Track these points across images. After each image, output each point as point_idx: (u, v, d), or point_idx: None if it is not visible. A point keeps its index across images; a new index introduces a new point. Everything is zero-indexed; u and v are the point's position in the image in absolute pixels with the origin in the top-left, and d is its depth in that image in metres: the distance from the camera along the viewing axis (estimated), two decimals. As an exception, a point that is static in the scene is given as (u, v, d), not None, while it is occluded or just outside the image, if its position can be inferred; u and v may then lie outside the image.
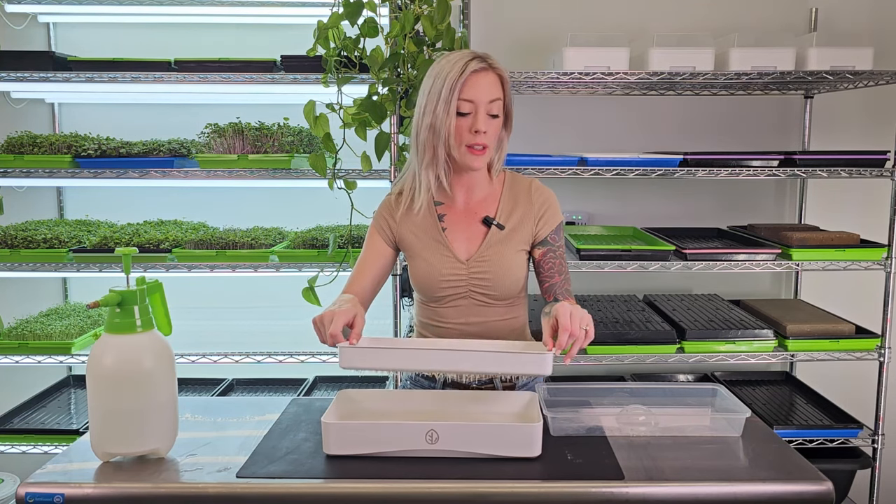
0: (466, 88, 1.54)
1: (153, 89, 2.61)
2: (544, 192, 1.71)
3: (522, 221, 1.67)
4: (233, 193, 2.86)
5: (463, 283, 1.63)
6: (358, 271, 1.68)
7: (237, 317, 2.88)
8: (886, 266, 2.40)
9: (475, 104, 1.55)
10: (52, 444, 2.46)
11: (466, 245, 1.66)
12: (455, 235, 1.66)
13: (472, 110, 1.56)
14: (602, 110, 2.87)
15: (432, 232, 1.66)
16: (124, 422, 1.28)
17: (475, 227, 1.66)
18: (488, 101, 1.56)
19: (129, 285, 1.32)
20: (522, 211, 1.68)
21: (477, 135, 1.56)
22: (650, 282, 2.95)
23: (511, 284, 1.64)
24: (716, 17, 2.82)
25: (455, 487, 1.22)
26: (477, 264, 1.63)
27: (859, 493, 2.57)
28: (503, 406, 1.44)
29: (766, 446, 1.36)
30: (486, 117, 1.56)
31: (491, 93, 1.56)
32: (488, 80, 1.56)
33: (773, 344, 2.45)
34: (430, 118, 1.56)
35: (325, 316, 1.41)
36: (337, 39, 2.26)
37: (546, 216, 1.69)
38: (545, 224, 1.68)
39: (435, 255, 1.64)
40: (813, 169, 2.38)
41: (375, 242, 1.70)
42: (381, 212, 1.71)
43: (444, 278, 1.63)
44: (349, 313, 1.41)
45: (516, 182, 1.72)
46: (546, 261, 1.69)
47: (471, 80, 1.55)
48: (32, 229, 2.50)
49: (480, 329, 1.66)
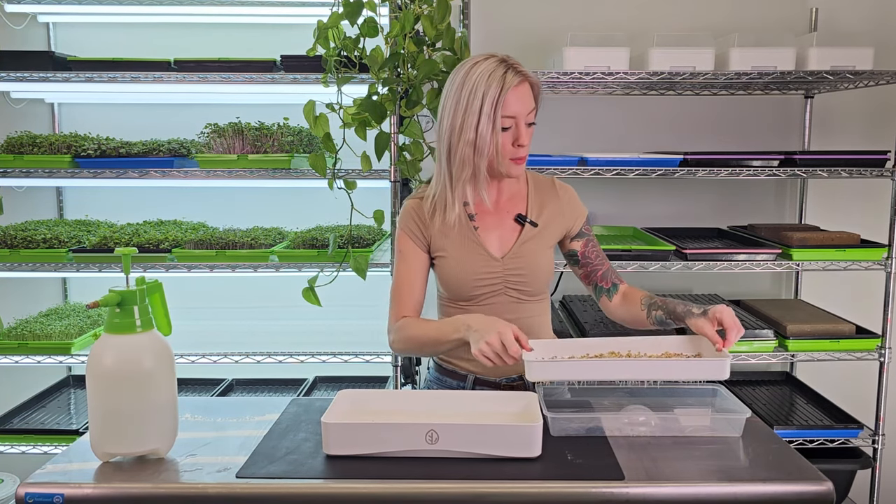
0: (507, 105, 1.54)
1: (153, 89, 2.61)
2: (567, 188, 1.76)
3: (553, 218, 1.70)
4: (233, 193, 2.86)
5: (498, 281, 1.65)
6: (407, 285, 1.67)
7: (237, 317, 2.88)
8: (887, 266, 2.40)
9: (516, 119, 1.56)
10: (52, 445, 2.46)
11: (499, 243, 1.67)
12: (487, 234, 1.67)
13: (513, 124, 1.57)
14: (602, 110, 2.87)
15: (464, 231, 1.66)
16: (124, 422, 1.28)
17: (507, 225, 1.68)
18: (527, 112, 1.57)
19: (129, 285, 1.32)
20: (552, 207, 1.71)
21: (520, 148, 1.58)
22: (650, 282, 2.95)
23: (544, 279, 1.69)
24: (716, 17, 2.82)
25: (455, 487, 1.22)
26: (512, 261, 1.65)
27: (859, 494, 2.57)
28: (503, 406, 1.44)
29: (767, 446, 1.36)
30: (526, 129, 1.58)
31: (529, 105, 1.58)
32: (525, 92, 1.57)
33: (774, 344, 2.45)
34: (471, 135, 1.55)
35: (494, 342, 1.41)
36: (337, 39, 2.26)
37: (574, 209, 1.74)
38: (575, 217, 1.73)
39: (469, 254, 1.65)
40: (813, 169, 2.38)
41: (412, 251, 1.68)
42: (409, 218, 1.68)
43: (479, 276, 1.64)
44: (511, 326, 1.44)
45: (539, 180, 1.75)
46: (590, 250, 1.74)
47: (511, 95, 1.54)
48: (32, 229, 2.50)
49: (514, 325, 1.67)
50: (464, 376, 1.69)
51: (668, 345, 1.52)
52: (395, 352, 1.69)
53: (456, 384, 1.70)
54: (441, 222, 1.65)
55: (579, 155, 2.44)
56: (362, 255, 2.32)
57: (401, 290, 1.68)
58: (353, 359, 2.49)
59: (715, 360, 1.38)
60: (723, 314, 1.47)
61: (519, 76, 1.55)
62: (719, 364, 1.37)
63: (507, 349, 1.41)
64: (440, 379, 1.74)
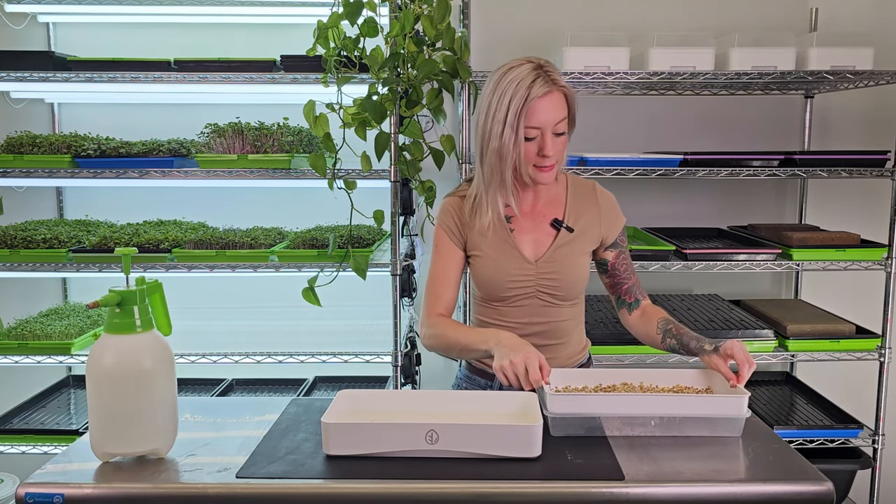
0: (532, 115, 1.53)
1: (153, 89, 2.61)
2: (608, 195, 1.73)
3: (590, 224, 1.69)
4: (233, 193, 2.86)
5: (531, 284, 1.65)
6: (443, 281, 1.68)
7: (237, 317, 2.88)
8: (887, 266, 2.40)
9: (542, 130, 1.54)
10: (52, 445, 2.45)
11: (534, 246, 1.67)
12: (522, 237, 1.67)
13: (538, 134, 1.55)
14: (602, 110, 2.87)
15: (500, 233, 1.66)
16: (124, 422, 1.28)
17: (543, 229, 1.68)
18: (554, 123, 1.55)
19: (129, 285, 1.32)
20: (590, 214, 1.69)
21: (545, 158, 1.56)
22: (650, 282, 2.95)
23: (577, 285, 1.68)
24: (716, 17, 2.82)
25: (455, 487, 1.22)
26: (545, 265, 1.65)
27: (859, 494, 2.57)
28: (503, 406, 1.44)
29: (766, 446, 1.36)
30: (552, 139, 1.55)
31: (557, 115, 1.55)
32: (553, 102, 1.54)
33: (774, 344, 2.45)
34: (496, 143, 1.55)
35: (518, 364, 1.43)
36: (337, 39, 2.26)
37: (613, 218, 1.71)
38: (613, 226, 1.71)
39: (503, 256, 1.65)
40: (813, 169, 2.38)
41: (449, 248, 1.69)
42: (448, 215, 1.69)
43: (511, 278, 1.64)
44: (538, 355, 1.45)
45: (579, 184, 1.72)
46: (620, 262, 1.72)
47: (536, 105, 1.52)
48: (32, 229, 2.50)
49: (544, 329, 1.68)
50: (492, 376, 1.69)
51: (679, 377, 1.54)
52: (424, 346, 1.70)
53: (484, 383, 1.72)
54: (479, 223, 1.66)
55: (579, 155, 2.44)
56: (362, 255, 2.32)
57: (436, 286, 1.68)
58: (353, 359, 2.49)
59: (734, 398, 1.40)
60: (734, 350, 1.48)
61: (547, 86, 1.52)
62: (739, 401, 1.39)
63: (529, 375, 1.42)
64: (470, 377, 1.75)
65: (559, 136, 1.58)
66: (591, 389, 1.50)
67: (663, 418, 1.39)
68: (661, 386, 1.51)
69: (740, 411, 1.39)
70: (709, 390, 1.51)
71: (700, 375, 1.54)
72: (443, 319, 1.67)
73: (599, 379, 1.54)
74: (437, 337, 1.65)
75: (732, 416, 1.39)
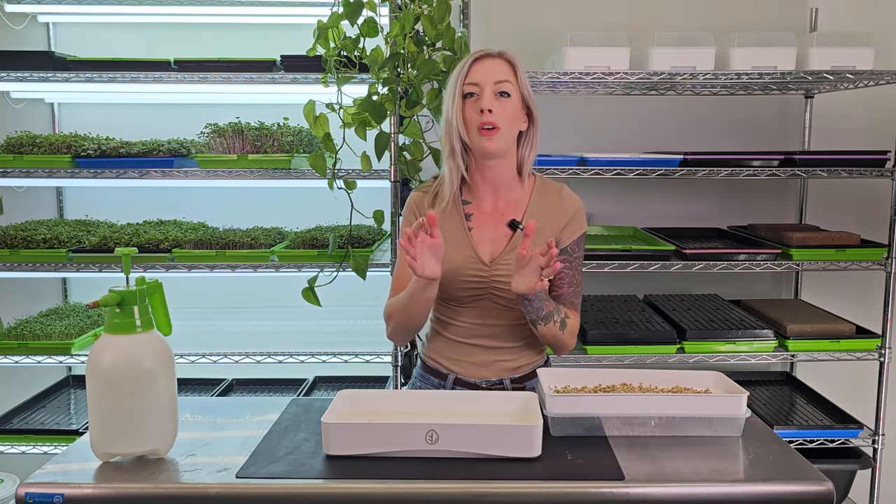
0: (471, 73, 1.58)
1: (153, 89, 2.61)
2: (574, 200, 1.69)
3: (547, 225, 1.65)
4: (233, 193, 2.86)
5: (484, 285, 1.62)
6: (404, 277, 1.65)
7: (237, 317, 2.88)
8: (886, 266, 2.40)
9: (480, 86, 1.57)
10: (52, 445, 2.46)
11: (491, 246, 1.64)
12: (481, 235, 1.65)
13: (478, 92, 1.57)
14: (602, 110, 2.87)
15: (458, 231, 1.65)
16: (124, 422, 1.28)
17: (501, 230, 1.65)
18: (494, 81, 1.57)
19: (129, 285, 1.32)
20: (549, 214, 1.66)
21: (483, 114, 1.55)
22: (650, 282, 2.95)
23: None
24: (716, 17, 2.82)
25: (455, 487, 1.22)
26: (500, 267, 1.62)
27: (859, 494, 2.57)
28: (503, 406, 1.44)
29: (766, 446, 1.36)
30: (492, 96, 1.56)
31: (497, 74, 1.57)
32: (495, 65, 1.58)
33: (774, 344, 2.45)
34: (448, 114, 1.60)
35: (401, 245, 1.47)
36: (337, 39, 2.26)
37: (572, 225, 1.67)
38: (569, 232, 1.67)
39: (459, 255, 1.63)
40: (813, 169, 2.38)
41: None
42: (411, 211, 1.70)
43: (465, 279, 1.62)
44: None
45: (546, 187, 1.70)
46: (560, 270, 1.66)
47: (476, 65, 1.58)
48: (32, 229, 2.50)
49: (498, 331, 1.66)
50: (445, 375, 1.69)
51: (679, 377, 1.54)
52: (393, 342, 1.70)
53: (438, 382, 1.70)
54: (439, 217, 1.64)
55: (579, 155, 2.44)
56: (362, 255, 2.32)
57: (398, 282, 1.68)
58: (353, 359, 2.49)
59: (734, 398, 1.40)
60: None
61: (490, 51, 1.59)
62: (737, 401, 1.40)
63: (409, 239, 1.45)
64: (423, 376, 1.74)
65: (505, 96, 1.57)
66: (591, 389, 1.50)
67: (663, 418, 1.39)
68: (660, 386, 1.51)
69: (740, 411, 1.39)
70: (708, 391, 1.51)
71: (700, 376, 1.54)
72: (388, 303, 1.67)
73: (599, 379, 1.54)
74: (388, 318, 1.66)
75: (732, 416, 1.39)
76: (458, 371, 1.68)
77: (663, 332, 2.43)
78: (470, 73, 1.58)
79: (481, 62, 1.58)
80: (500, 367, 1.67)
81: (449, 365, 1.69)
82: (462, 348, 1.67)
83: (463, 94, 1.58)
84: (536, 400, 1.41)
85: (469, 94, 1.58)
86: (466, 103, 1.58)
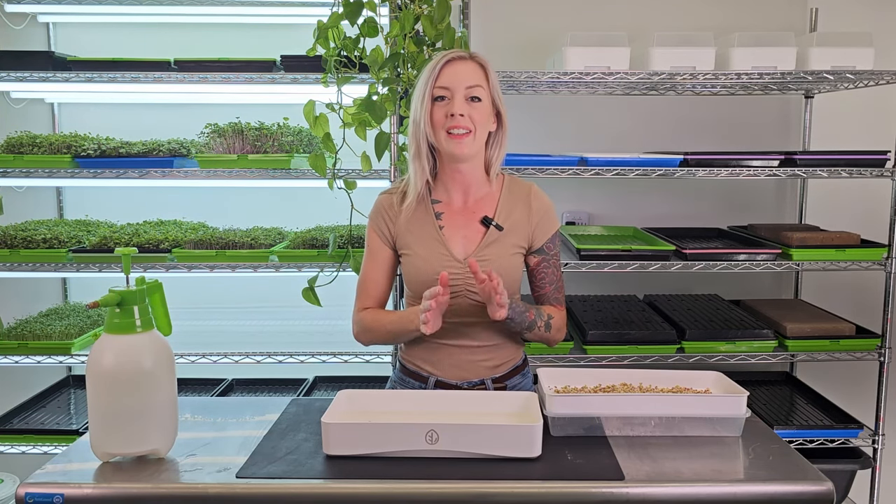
0: (442, 77, 1.57)
1: (153, 89, 2.61)
2: (543, 199, 1.70)
3: (520, 223, 1.66)
4: (233, 193, 2.86)
5: (459, 282, 1.62)
6: (371, 281, 1.69)
7: (237, 317, 2.88)
8: (886, 266, 2.40)
9: (451, 90, 1.57)
10: (52, 445, 2.45)
11: (464, 244, 1.65)
12: (452, 233, 1.65)
13: (449, 96, 1.57)
14: (602, 110, 2.87)
15: (429, 229, 1.65)
16: (124, 422, 1.28)
17: (473, 227, 1.66)
18: (465, 86, 1.57)
19: (129, 285, 1.32)
20: (520, 214, 1.67)
21: (454, 118, 1.55)
22: (650, 282, 2.95)
23: (507, 285, 1.61)
24: (716, 17, 2.82)
25: (455, 487, 1.22)
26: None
27: (859, 494, 2.57)
28: (503, 406, 1.44)
29: (766, 446, 1.36)
30: (463, 101, 1.57)
31: (468, 79, 1.57)
32: (467, 68, 1.58)
33: (774, 344, 2.45)
34: (413, 114, 1.60)
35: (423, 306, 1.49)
36: (337, 39, 2.26)
37: (543, 223, 1.68)
38: (542, 231, 1.68)
39: (431, 253, 1.63)
40: (813, 169, 2.38)
41: (378, 247, 1.70)
42: (378, 213, 1.70)
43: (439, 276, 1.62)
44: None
45: (515, 185, 1.71)
46: (540, 270, 1.70)
47: (447, 68, 1.58)
48: (32, 229, 2.50)
49: (473, 330, 1.66)
50: (425, 378, 1.68)
51: (679, 377, 1.54)
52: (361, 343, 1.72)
53: (418, 385, 1.69)
54: (406, 218, 1.65)
55: (579, 155, 2.44)
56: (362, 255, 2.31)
57: (365, 286, 1.70)
58: (353, 359, 2.49)
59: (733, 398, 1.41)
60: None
61: (461, 54, 1.58)
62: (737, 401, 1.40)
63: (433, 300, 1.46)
64: (403, 379, 1.73)
65: (476, 101, 1.58)
66: (591, 389, 1.50)
67: (663, 418, 1.40)
68: (660, 386, 1.52)
69: (740, 411, 1.39)
70: (708, 391, 1.51)
71: (700, 376, 1.55)
72: (367, 314, 1.68)
73: (599, 379, 1.54)
74: (366, 332, 1.69)
75: (732, 416, 1.39)
76: (438, 373, 1.67)
77: (663, 332, 2.43)
78: (441, 76, 1.57)
79: (452, 65, 1.57)
80: (479, 367, 1.67)
81: (428, 368, 1.68)
82: (440, 349, 1.67)
83: (433, 96, 1.58)
84: (536, 400, 1.41)
85: (440, 98, 1.58)
86: (436, 106, 1.58)
